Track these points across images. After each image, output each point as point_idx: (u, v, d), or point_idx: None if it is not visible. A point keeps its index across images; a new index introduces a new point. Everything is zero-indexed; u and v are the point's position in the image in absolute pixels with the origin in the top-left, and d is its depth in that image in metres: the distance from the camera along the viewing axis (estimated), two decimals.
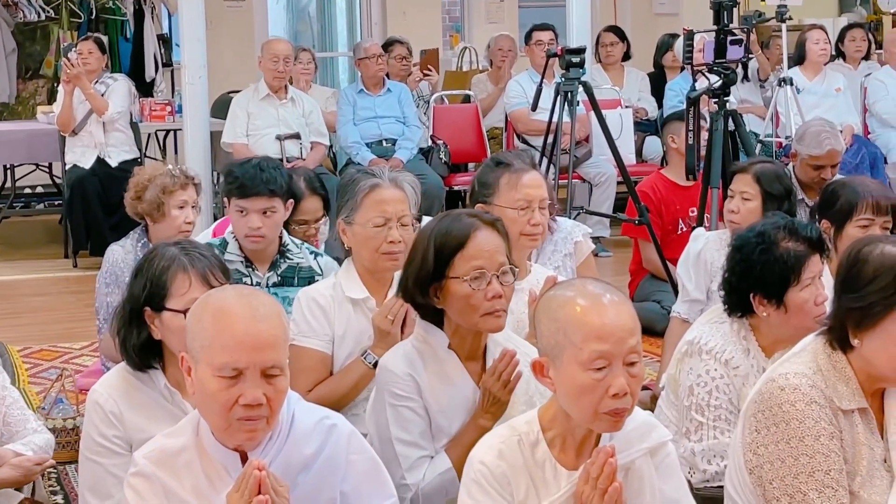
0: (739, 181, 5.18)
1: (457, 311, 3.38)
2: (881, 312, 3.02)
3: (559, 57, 7.35)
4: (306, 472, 2.84)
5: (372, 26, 12.27)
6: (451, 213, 3.53)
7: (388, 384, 3.42)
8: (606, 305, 2.79)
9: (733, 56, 6.50)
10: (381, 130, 9.21)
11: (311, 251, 4.83)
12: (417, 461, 3.39)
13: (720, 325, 3.93)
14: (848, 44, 10.18)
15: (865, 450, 3.08)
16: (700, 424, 3.84)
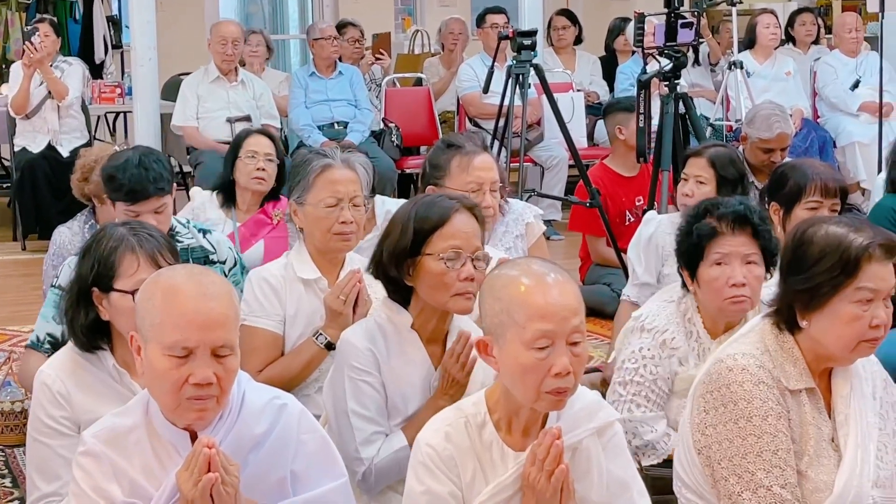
0: (694, 165, 5.19)
1: (428, 288, 3.39)
2: (829, 293, 3.04)
3: (511, 40, 7.34)
4: (257, 452, 2.84)
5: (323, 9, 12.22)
6: (434, 195, 3.56)
7: (348, 357, 3.42)
8: (550, 284, 2.79)
9: (684, 39, 6.53)
10: (332, 113, 9.18)
11: (200, 228, 4.79)
12: (372, 436, 3.40)
13: (668, 303, 3.97)
14: (798, 28, 10.24)
15: (813, 429, 3.11)
16: (619, 397, 3.91)
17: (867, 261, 3.02)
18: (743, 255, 3.81)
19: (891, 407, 3.26)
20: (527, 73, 7.16)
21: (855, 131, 9.32)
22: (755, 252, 3.82)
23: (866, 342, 3.06)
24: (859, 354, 3.11)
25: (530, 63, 7.16)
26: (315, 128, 9.07)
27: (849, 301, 3.03)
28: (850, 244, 3.04)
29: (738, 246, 3.82)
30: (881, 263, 3.04)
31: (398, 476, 3.36)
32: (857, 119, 9.41)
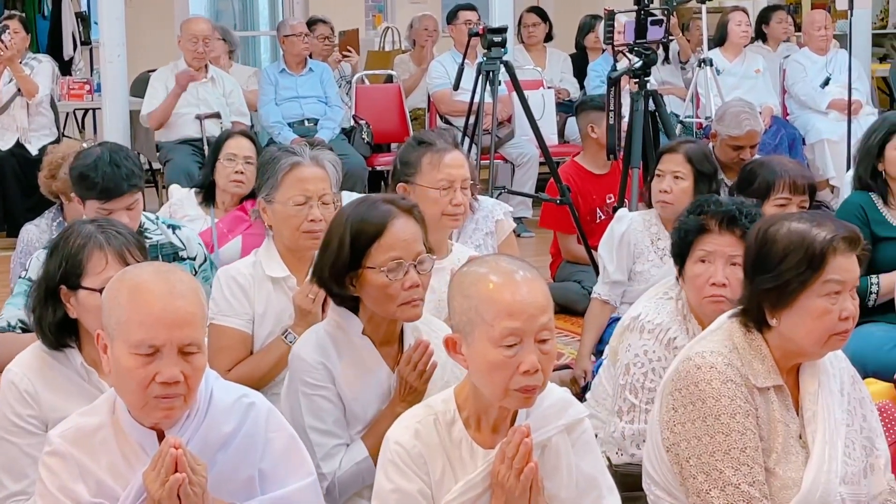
0: (670, 161, 5.18)
1: (373, 300, 3.35)
2: (797, 289, 3.05)
3: (481, 37, 7.34)
4: (224, 451, 2.83)
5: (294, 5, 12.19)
6: (368, 198, 3.46)
7: (301, 373, 3.38)
8: (519, 282, 2.78)
9: (654, 37, 6.54)
10: (303, 110, 9.16)
11: (169, 224, 4.77)
12: (332, 449, 3.36)
13: (666, 301, 3.95)
14: (774, 25, 10.26)
15: (781, 426, 3.12)
16: (632, 406, 3.86)
17: (832, 254, 3.04)
18: (728, 256, 3.80)
19: (858, 403, 3.28)
20: (497, 71, 7.17)
21: (824, 128, 9.35)
22: (741, 254, 3.79)
23: (837, 335, 3.07)
24: (830, 348, 3.12)
25: (501, 60, 7.17)
26: (285, 125, 9.05)
27: (817, 295, 3.05)
28: (815, 239, 3.05)
29: (724, 245, 3.81)
30: (845, 256, 3.06)
31: (361, 486, 3.36)
32: (826, 116, 9.44)
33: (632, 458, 3.82)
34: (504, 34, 7.25)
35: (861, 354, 4.81)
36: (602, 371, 4.18)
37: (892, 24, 13.04)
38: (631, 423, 3.84)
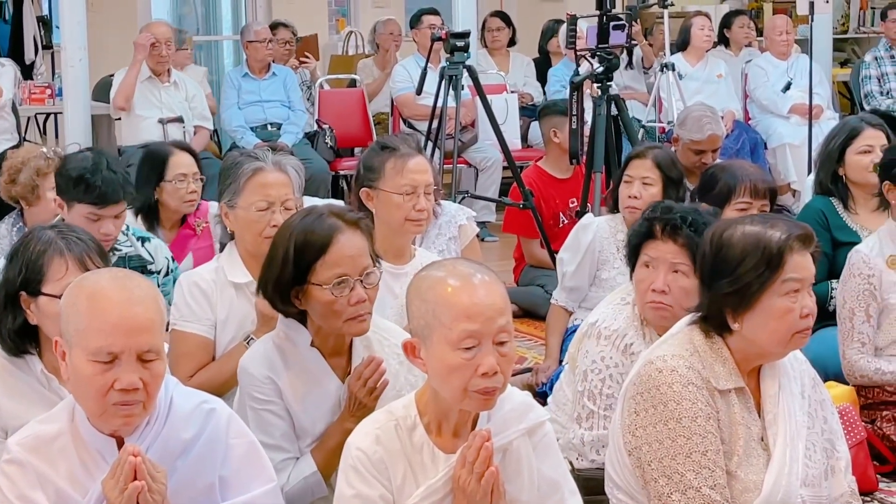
0: (639, 167, 5.16)
1: (319, 315, 3.31)
2: (757, 290, 3.07)
3: (444, 41, 7.35)
4: (185, 457, 2.81)
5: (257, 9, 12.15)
6: (314, 210, 3.39)
7: (249, 388, 3.36)
8: (476, 285, 2.78)
9: (616, 41, 6.56)
10: (266, 115, 9.15)
11: (139, 236, 4.74)
12: (280, 464, 3.33)
13: (623, 306, 3.96)
14: (737, 30, 10.30)
15: (742, 429, 3.13)
16: (591, 412, 3.86)
17: (789, 253, 3.07)
18: (670, 263, 3.81)
19: (819, 405, 3.29)
20: (460, 75, 7.17)
21: (786, 133, 9.40)
22: (684, 263, 3.79)
23: (799, 333, 3.10)
24: (794, 346, 3.14)
25: (463, 64, 7.17)
26: (248, 129, 9.03)
27: (778, 295, 3.07)
28: (770, 239, 3.08)
29: (666, 252, 3.82)
30: (801, 254, 3.09)
31: (311, 499, 3.34)
32: (788, 121, 9.49)
33: (592, 463, 3.83)
34: (467, 39, 7.25)
35: (822, 358, 4.85)
36: (563, 377, 4.19)
37: (853, 29, 13.12)
38: (590, 429, 3.85)
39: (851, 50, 13.04)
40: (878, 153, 5.12)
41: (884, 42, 10.21)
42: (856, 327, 4.55)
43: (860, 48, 12.72)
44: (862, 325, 4.54)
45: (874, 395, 4.62)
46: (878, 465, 4.43)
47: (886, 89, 9.99)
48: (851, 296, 4.55)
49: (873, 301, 4.54)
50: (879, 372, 4.54)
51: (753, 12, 12.01)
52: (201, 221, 5.51)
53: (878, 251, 4.58)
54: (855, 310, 4.55)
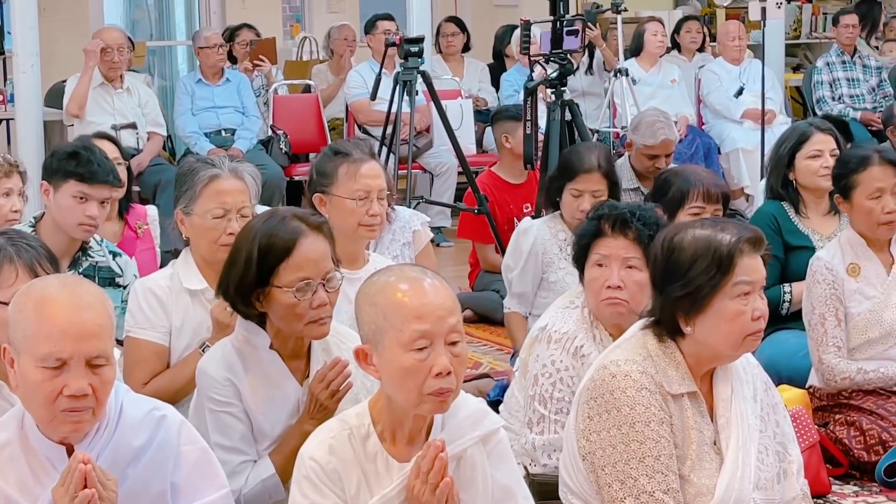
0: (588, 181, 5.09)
1: (280, 318, 3.31)
2: (709, 294, 3.09)
3: (398, 46, 7.34)
4: (136, 465, 2.80)
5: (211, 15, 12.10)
6: (276, 213, 3.40)
7: (207, 389, 3.35)
8: (425, 287, 2.78)
9: (570, 46, 6.58)
10: (219, 120, 9.11)
11: (111, 250, 4.72)
12: (238, 466, 3.33)
13: (572, 310, 3.96)
14: (684, 35, 10.35)
15: (695, 433, 3.14)
16: (542, 416, 3.87)
17: (739, 255, 3.09)
18: (622, 258, 3.82)
19: (771, 409, 3.31)
20: (414, 80, 7.18)
21: (739, 138, 9.45)
22: (636, 257, 3.82)
23: (751, 335, 3.12)
24: (745, 349, 3.16)
25: (417, 70, 7.17)
26: (202, 135, 8.99)
27: (729, 298, 3.09)
28: (721, 242, 3.10)
29: (618, 248, 3.83)
30: (751, 256, 3.11)
31: (269, 502, 3.33)
32: (741, 126, 9.54)
33: (544, 468, 3.83)
34: (421, 44, 7.26)
35: (775, 361, 4.89)
36: (514, 383, 4.19)
37: (806, 35, 13.21)
38: (541, 433, 3.85)
39: (804, 55, 13.13)
40: (828, 157, 5.16)
41: (835, 47, 10.29)
42: (829, 332, 4.56)
43: (812, 53, 12.81)
44: (834, 329, 4.56)
45: (827, 397, 4.65)
46: (830, 468, 4.46)
47: (838, 94, 10.06)
48: (820, 301, 4.56)
49: (840, 305, 4.56)
50: (862, 372, 4.56)
51: (706, 18, 12.07)
52: (142, 224, 5.48)
53: (840, 259, 4.60)
54: (825, 314, 4.56)
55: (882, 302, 4.57)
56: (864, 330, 4.58)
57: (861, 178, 4.57)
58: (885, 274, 4.61)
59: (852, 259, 4.60)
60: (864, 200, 4.56)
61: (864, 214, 4.57)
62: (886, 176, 4.56)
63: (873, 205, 4.54)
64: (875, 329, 4.57)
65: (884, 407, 4.51)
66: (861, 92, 10.07)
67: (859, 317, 4.57)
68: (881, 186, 4.54)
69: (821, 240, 5.17)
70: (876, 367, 4.56)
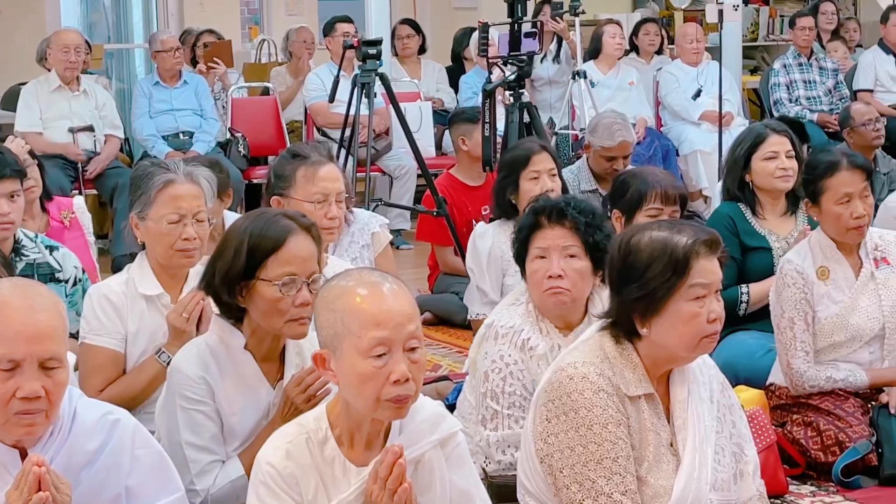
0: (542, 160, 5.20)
1: (261, 313, 3.33)
2: (665, 295, 3.10)
3: (356, 49, 7.34)
4: (90, 468, 2.79)
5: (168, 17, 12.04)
6: (268, 212, 3.47)
7: (180, 387, 3.35)
8: (384, 292, 2.78)
9: (528, 49, 6.59)
10: (177, 123, 9.08)
11: (47, 245, 4.69)
12: (208, 466, 3.34)
13: (516, 306, 3.97)
14: (642, 37, 10.39)
15: (652, 435, 3.15)
16: (495, 413, 3.87)
17: (695, 258, 3.10)
18: (561, 248, 3.84)
19: (728, 410, 3.32)
20: (372, 83, 7.18)
21: (697, 140, 9.49)
22: (574, 245, 3.84)
23: (706, 338, 3.13)
24: (701, 351, 3.17)
25: (376, 72, 7.16)
26: (159, 138, 8.96)
27: (685, 300, 3.10)
28: (677, 244, 3.11)
29: (557, 238, 3.85)
30: (707, 259, 3.12)
31: (236, 502, 3.32)
32: (699, 128, 9.58)
33: (499, 464, 3.84)
34: (379, 46, 7.26)
35: (732, 362, 4.91)
36: (465, 386, 4.19)
37: (763, 37, 13.28)
38: (495, 429, 3.86)
39: (761, 57, 13.20)
40: (784, 159, 5.18)
41: (792, 50, 10.35)
42: (797, 336, 4.57)
43: (769, 55, 12.88)
44: (802, 333, 4.57)
45: (786, 396, 4.67)
46: (787, 468, 4.48)
47: (795, 96, 10.12)
48: (789, 305, 4.58)
49: (809, 309, 4.57)
50: (831, 380, 4.57)
51: (664, 20, 12.12)
52: (67, 213, 5.44)
53: (810, 262, 4.62)
54: (794, 319, 4.57)
55: (849, 306, 4.59)
56: (830, 333, 4.60)
57: (830, 183, 4.58)
58: (853, 278, 4.63)
59: (822, 262, 4.62)
60: (832, 205, 4.57)
61: (834, 219, 4.59)
62: (855, 180, 4.58)
63: (842, 210, 4.56)
64: (841, 333, 4.59)
65: (841, 408, 4.53)
66: (818, 94, 10.13)
67: (826, 320, 4.59)
68: (849, 191, 4.55)
69: (777, 240, 5.19)
70: (845, 377, 4.57)
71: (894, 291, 4.61)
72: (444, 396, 4.97)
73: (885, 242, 4.69)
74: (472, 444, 3.89)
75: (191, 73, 9.45)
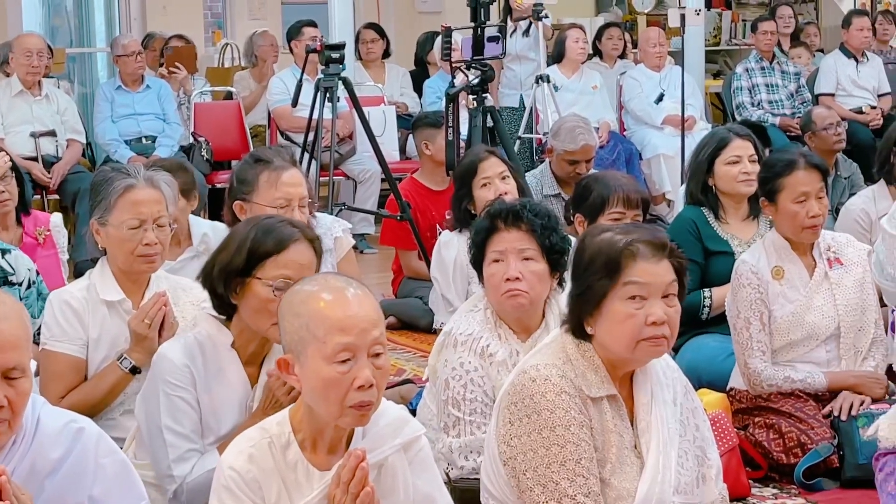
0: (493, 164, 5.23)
1: (252, 312, 3.36)
2: (600, 294, 3.13)
3: (319, 53, 7.33)
4: (53, 477, 2.77)
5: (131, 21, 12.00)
6: (277, 216, 3.51)
7: (165, 372, 3.39)
8: (349, 298, 2.78)
9: (491, 53, 6.60)
10: (140, 127, 9.06)
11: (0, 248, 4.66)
12: (186, 454, 3.37)
13: (474, 313, 3.98)
14: (605, 42, 10.42)
15: (615, 437, 3.16)
16: (457, 419, 3.87)
17: (630, 258, 3.11)
18: (518, 251, 3.85)
19: (691, 413, 3.33)
20: (335, 87, 7.17)
21: (660, 144, 9.52)
22: (531, 248, 3.85)
23: (646, 341, 3.12)
24: (644, 354, 3.15)
25: (339, 76, 7.16)
26: (122, 142, 8.93)
27: (619, 300, 3.11)
28: (613, 245, 3.13)
29: (513, 241, 3.86)
30: (648, 261, 3.12)
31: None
32: (662, 132, 9.62)
33: (462, 470, 3.84)
34: (342, 50, 7.25)
35: (695, 365, 4.93)
36: (426, 393, 4.20)
37: (725, 41, 13.34)
38: (457, 436, 3.86)
39: (724, 61, 13.26)
40: (746, 163, 5.21)
41: (755, 54, 10.40)
42: (753, 336, 4.60)
43: (732, 60, 12.94)
44: (759, 333, 4.59)
45: (747, 400, 4.69)
46: (750, 470, 4.50)
47: (757, 100, 10.17)
48: (745, 305, 4.60)
49: (765, 309, 4.60)
50: (789, 380, 4.59)
51: (628, 24, 12.16)
52: (43, 230, 5.42)
53: (765, 262, 4.64)
54: (750, 319, 4.59)
55: (804, 305, 4.62)
56: (787, 332, 4.62)
57: (787, 181, 4.61)
58: (807, 277, 4.66)
59: (776, 262, 4.65)
60: (789, 204, 4.60)
61: (789, 218, 4.61)
62: (812, 180, 4.61)
63: (798, 208, 4.58)
64: (797, 331, 4.62)
65: (802, 410, 4.56)
66: (780, 98, 10.18)
67: (782, 319, 4.62)
68: (806, 190, 4.58)
69: (740, 245, 5.22)
70: (803, 378, 4.60)
71: (848, 291, 4.64)
72: (408, 401, 4.97)
73: (837, 244, 4.72)
74: (435, 450, 3.89)
75: (153, 77, 9.41)
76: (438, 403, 3.96)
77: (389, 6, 12.72)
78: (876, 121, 10.13)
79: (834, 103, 10.02)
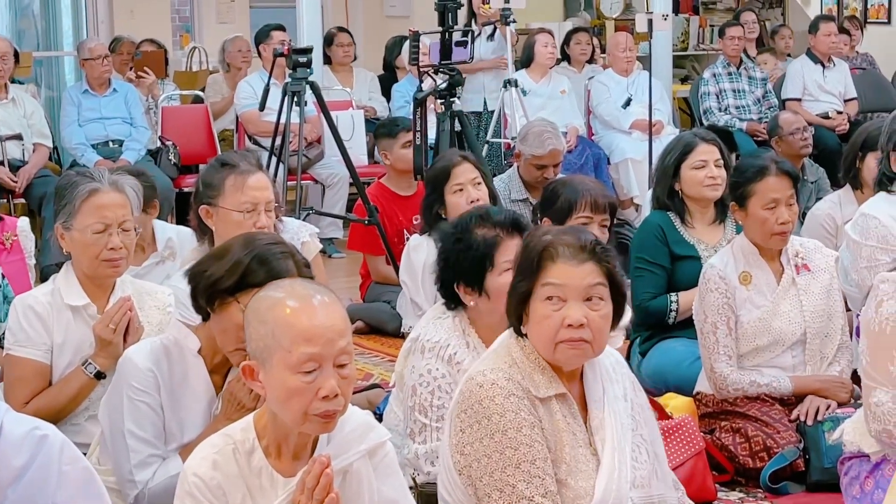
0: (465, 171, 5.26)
1: (221, 331, 3.35)
2: (525, 295, 3.15)
3: (286, 57, 7.32)
4: (16, 485, 2.73)
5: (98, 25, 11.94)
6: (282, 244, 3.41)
7: (129, 376, 3.37)
8: (316, 307, 2.75)
9: (459, 58, 6.60)
10: (107, 131, 9.00)
11: None
12: (148, 458, 3.36)
13: (443, 320, 3.97)
14: (573, 47, 10.43)
15: (567, 436, 3.14)
16: (424, 426, 3.86)
17: (549, 259, 3.12)
18: None
19: (640, 408, 3.33)
20: (303, 91, 7.15)
21: (628, 148, 9.54)
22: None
23: (563, 343, 3.11)
24: (564, 356, 3.14)
25: (306, 80, 7.14)
26: (89, 146, 8.87)
27: (539, 300, 3.13)
28: (536, 245, 3.15)
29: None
30: (569, 263, 3.12)
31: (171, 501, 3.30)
32: (630, 136, 9.63)
33: (428, 475, 3.83)
34: (309, 55, 7.24)
35: (662, 369, 4.95)
36: (392, 398, 4.19)
37: (693, 46, 13.38)
38: (424, 442, 3.85)
39: (691, 66, 13.30)
40: (713, 168, 5.23)
41: (722, 59, 10.43)
42: (720, 340, 4.60)
43: (700, 65, 12.98)
44: (725, 337, 4.60)
45: (713, 404, 4.70)
46: (716, 474, 4.51)
47: (724, 105, 10.20)
48: (712, 310, 4.61)
49: (732, 314, 4.60)
50: (755, 384, 4.59)
51: (596, 29, 12.18)
52: (10, 235, 5.38)
53: (732, 267, 4.65)
54: (717, 323, 4.60)
55: (771, 310, 4.64)
56: (753, 338, 4.64)
57: (757, 187, 4.62)
58: (775, 283, 4.67)
59: (744, 267, 4.66)
60: (759, 210, 4.61)
61: (759, 224, 4.62)
62: (782, 187, 4.62)
63: (768, 215, 4.60)
64: (763, 337, 4.63)
65: (768, 414, 4.57)
66: (747, 103, 10.22)
67: (749, 325, 4.63)
68: (776, 197, 4.59)
69: (706, 249, 5.23)
70: (769, 382, 4.61)
71: (815, 297, 4.66)
72: (376, 405, 4.97)
73: (805, 250, 4.74)
74: (401, 456, 3.89)
75: (120, 81, 9.37)
76: (405, 409, 3.95)
77: (358, 10, 12.71)
78: (842, 126, 10.17)
79: (800, 108, 10.07)
